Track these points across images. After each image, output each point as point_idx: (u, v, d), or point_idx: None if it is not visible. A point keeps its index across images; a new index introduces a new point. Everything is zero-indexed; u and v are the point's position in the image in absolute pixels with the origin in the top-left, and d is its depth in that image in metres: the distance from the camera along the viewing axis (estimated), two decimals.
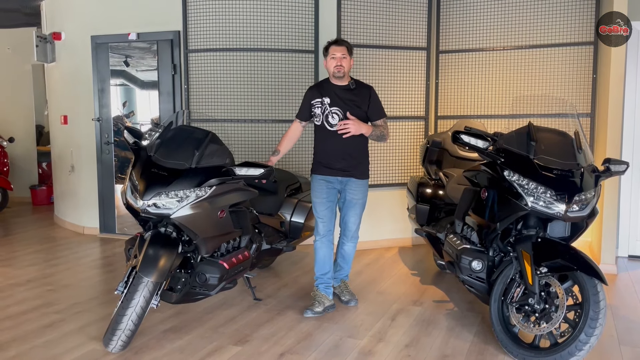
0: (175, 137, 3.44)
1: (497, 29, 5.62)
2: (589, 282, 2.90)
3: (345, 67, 3.71)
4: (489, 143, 3.34)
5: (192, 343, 3.33)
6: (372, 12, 5.46)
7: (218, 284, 3.46)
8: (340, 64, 3.69)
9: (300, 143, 5.33)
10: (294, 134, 3.92)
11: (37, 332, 3.49)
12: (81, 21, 6.10)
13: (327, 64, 3.75)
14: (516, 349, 3.06)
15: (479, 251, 3.45)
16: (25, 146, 8.80)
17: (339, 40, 3.77)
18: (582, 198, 3.07)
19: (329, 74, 3.78)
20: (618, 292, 4.29)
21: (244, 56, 5.43)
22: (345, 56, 3.70)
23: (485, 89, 5.69)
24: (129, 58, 6.00)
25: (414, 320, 3.71)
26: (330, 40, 3.81)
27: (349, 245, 3.99)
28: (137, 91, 6.15)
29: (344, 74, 3.72)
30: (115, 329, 3.05)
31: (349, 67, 3.75)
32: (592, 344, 2.82)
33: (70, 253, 5.50)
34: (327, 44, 3.78)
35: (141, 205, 3.18)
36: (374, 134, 3.75)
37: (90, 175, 6.21)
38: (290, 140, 3.92)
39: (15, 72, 8.72)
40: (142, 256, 3.13)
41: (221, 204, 3.36)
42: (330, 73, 3.75)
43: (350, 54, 3.76)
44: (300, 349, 3.26)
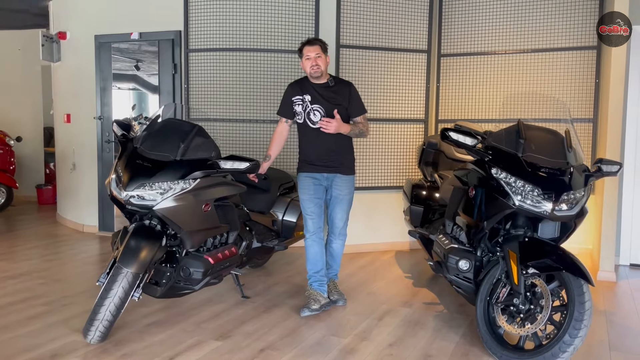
0: (162, 130, 3.44)
1: (499, 33, 5.57)
2: (575, 282, 2.83)
3: (322, 65, 3.69)
4: (478, 141, 3.28)
5: (174, 337, 3.31)
6: (372, 14, 5.44)
7: (202, 278, 3.44)
8: (316, 63, 3.68)
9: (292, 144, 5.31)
10: (282, 136, 3.92)
11: (22, 322, 3.49)
12: (85, 21, 6.17)
13: (304, 65, 3.74)
14: (500, 350, 2.99)
15: (467, 251, 3.39)
16: (33, 146, 8.90)
17: (311, 40, 3.74)
18: (570, 197, 3.00)
19: (307, 74, 3.77)
20: (615, 299, 4.19)
21: (244, 56, 5.44)
22: (320, 55, 3.69)
23: (487, 93, 5.63)
24: (140, 62, 6.06)
25: (401, 320, 3.65)
26: (303, 41, 3.79)
27: (337, 242, 3.95)
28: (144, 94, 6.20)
29: (322, 73, 3.72)
30: (93, 319, 3.04)
31: (326, 65, 3.73)
32: (576, 345, 2.75)
33: (67, 249, 5.52)
34: (300, 45, 3.77)
35: (124, 196, 3.18)
36: (353, 132, 3.75)
37: (91, 173, 6.25)
38: (278, 144, 3.92)
39: (25, 73, 8.83)
40: (122, 247, 3.12)
41: (206, 197, 3.34)
42: (308, 74, 3.75)
43: (325, 51, 3.73)
44: (282, 345, 3.22)
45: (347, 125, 3.70)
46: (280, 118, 3.90)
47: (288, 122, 3.90)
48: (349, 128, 3.71)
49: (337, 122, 3.63)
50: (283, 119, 3.89)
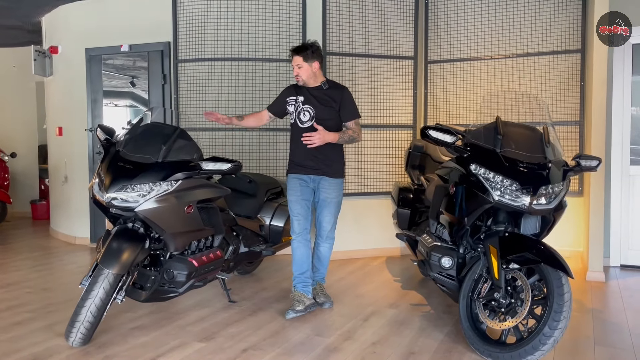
0: (144, 133, 3.46)
1: (485, 39, 5.63)
2: (554, 274, 2.83)
3: (303, 75, 3.75)
4: (457, 138, 3.31)
5: (157, 339, 3.30)
6: (358, 22, 5.51)
7: (186, 281, 3.44)
8: (297, 73, 3.76)
9: (282, 150, 5.34)
10: (260, 119, 4.05)
11: (6, 328, 3.48)
12: (76, 34, 6.24)
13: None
14: (482, 345, 2.98)
15: (449, 248, 3.40)
16: (27, 162, 8.93)
17: (296, 49, 3.78)
18: (548, 191, 3.02)
19: None
20: (603, 298, 4.18)
21: (232, 66, 5.49)
22: (301, 65, 3.73)
23: (475, 99, 5.67)
24: (135, 79, 6.11)
25: (386, 321, 3.63)
26: (291, 47, 3.84)
27: (325, 246, 3.96)
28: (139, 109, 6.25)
29: (303, 82, 3.78)
30: (75, 321, 3.03)
31: (308, 74, 3.76)
32: (556, 337, 2.74)
33: (57, 260, 5.52)
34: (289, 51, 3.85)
35: (106, 198, 3.19)
36: (343, 139, 3.76)
37: (82, 185, 6.27)
38: (255, 119, 4.06)
39: (19, 90, 8.90)
40: (104, 249, 3.13)
41: (188, 199, 3.35)
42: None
43: (308, 59, 3.74)
44: (265, 345, 3.21)
45: (333, 134, 3.70)
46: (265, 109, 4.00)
47: (269, 115, 4.00)
48: (337, 136, 3.72)
49: (321, 134, 3.64)
50: (266, 110, 4.00)
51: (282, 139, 5.40)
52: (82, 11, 6.17)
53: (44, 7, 6.47)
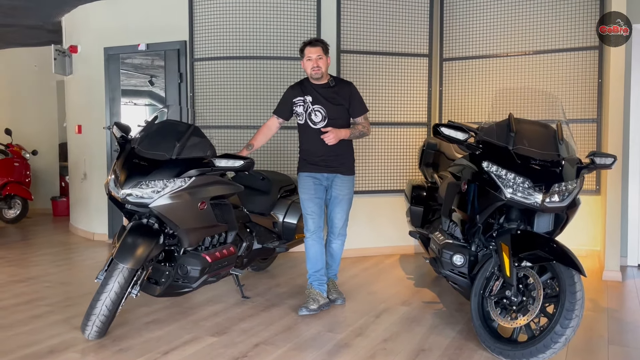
0: (158, 130, 3.51)
1: (500, 36, 5.59)
2: (566, 272, 2.81)
3: (323, 67, 3.73)
4: (469, 135, 3.30)
5: (171, 333, 3.35)
6: (372, 20, 5.51)
7: (199, 276, 3.48)
8: (317, 64, 3.71)
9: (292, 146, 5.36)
10: (270, 130, 3.96)
11: (25, 321, 3.57)
12: (95, 34, 6.34)
13: (305, 65, 3.78)
14: (494, 343, 2.97)
15: (461, 246, 3.39)
16: (48, 159, 9.09)
17: (313, 41, 3.77)
18: (562, 188, 3.00)
19: (308, 75, 3.81)
20: (619, 297, 4.13)
21: (248, 64, 5.54)
22: (322, 57, 3.72)
23: (491, 96, 5.63)
24: (154, 77, 6.19)
25: (398, 318, 3.64)
26: (305, 40, 3.83)
27: (337, 242, 3.98)
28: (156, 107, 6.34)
29: (322, 74, 3.75)
30: (90, 314, 3.09)
31: (326, 66, 3.77)
32: (568, 336, 2.72)
33: (76, 256, 5.62)
34: (302, 45, 3.81)
35: (121, 194, 3.25)
36: (354, 135, 3.78)
37: (100, 182, 6.37)
38: (264, 136, 3.96)
39: (41, 89, 9.08)
40: (119, 244, 3.18)
41: (202, 195, 3.40)
42: (309, 74, 3.79)
43: (326, 52, 3.76)
44: (277, 340, 3.24)
45: (346, 131, 3.73)
46: (273, 115, 3.95)
47: (279, 120, 3.94)
48: (349, 132, 3.74)
49: (334, 133, 3.64)
50: (275, 116, 3.94)
51: (295, 137, 5.41)
52: (101, 11, 6.27)
53: (63, 7, 6.59)
